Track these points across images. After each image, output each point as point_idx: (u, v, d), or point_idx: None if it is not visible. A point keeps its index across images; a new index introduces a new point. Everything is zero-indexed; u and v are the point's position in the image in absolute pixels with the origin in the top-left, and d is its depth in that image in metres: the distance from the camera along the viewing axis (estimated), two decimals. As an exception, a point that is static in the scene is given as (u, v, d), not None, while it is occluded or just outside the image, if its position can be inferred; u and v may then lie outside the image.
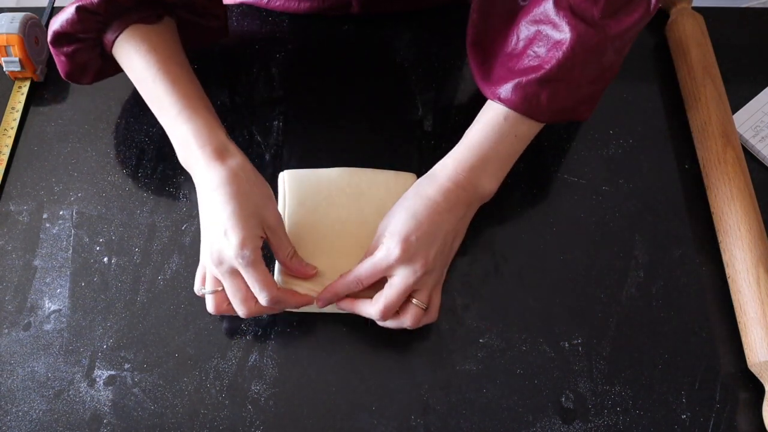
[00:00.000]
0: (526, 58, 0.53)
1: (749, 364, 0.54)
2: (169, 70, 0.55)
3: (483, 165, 0.54)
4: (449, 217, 0.53)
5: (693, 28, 0.69)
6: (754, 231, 0.57)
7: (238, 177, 0.52)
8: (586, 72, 0.53)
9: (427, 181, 0.55)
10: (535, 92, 0.52)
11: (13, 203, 0.61)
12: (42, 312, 0.56)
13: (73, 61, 0.57)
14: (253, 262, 0.49)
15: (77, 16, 0.53)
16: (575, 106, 0.55)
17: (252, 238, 0.50)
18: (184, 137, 0.54)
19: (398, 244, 0.51)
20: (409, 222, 0.52)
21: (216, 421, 0.52)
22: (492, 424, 0.52)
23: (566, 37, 0.51)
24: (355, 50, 0.71)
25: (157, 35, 0.57)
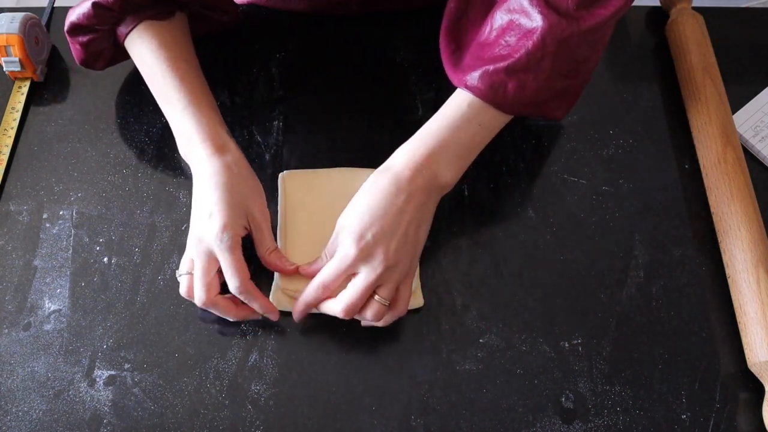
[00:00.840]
0: (497, 47, 0.53)
1: (749, 364, 0.54)
2: (178, 66, 0.58)
3: (442, 151, 0.53)
4: (408, 207, 0.52)
5: (693, 28, 0.69)
6: (754, 231, 0.57)
7: (231, 170, 0.54)
8: (558, 64, 0.52)
9: (382, 172, 0.54)
10: (502, 81, 0.52)
11: (13, 203, 0.61)
12: (42, 312, 0.56)
13: (87, 49, 0.60)
14: (230, 248, 0.51)
15: (93, 11, 0.56)
16: (546, 101, 0.54)
17: (234, 225, 0.52)
18: (188, 131, 0.56)
19: (354, 243, 0.50)
20: (364, 218, 0.51)
21: (216, 421, 0.52)
22: (492, 424, 0.52)
23: (537, 26, 0.50)
24: (355, 50, 0.71)
25: (169, 32, 0.59)
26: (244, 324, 0.55)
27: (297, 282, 0.55)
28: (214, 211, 0.52)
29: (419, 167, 0.53)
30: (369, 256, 0.50)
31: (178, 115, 0.57)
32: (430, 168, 0.53)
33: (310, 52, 0.71)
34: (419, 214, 0.53)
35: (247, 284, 0.52)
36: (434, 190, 0.54)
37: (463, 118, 0.53)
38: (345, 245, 0.51)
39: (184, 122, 0.57)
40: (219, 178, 0.53)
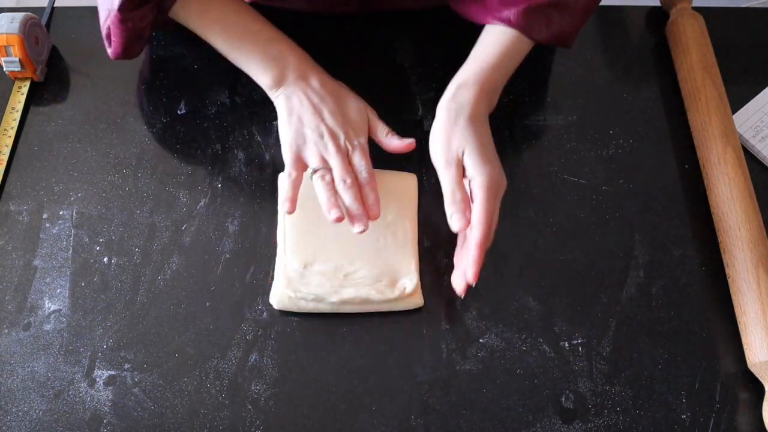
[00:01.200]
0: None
1: (749, 364, 0.54)
2: (245, 6, 0.61)
3: (497, 84, 0.59)
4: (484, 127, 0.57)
5: (693, 28, 0.69)
6: (754, 231, 0.57)
7: (336, 81, 0.61)
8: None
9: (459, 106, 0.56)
10: (543, 16, 0.58)
11: (13, 203, 0.61)
12: (42, 312, 0.56)
13: (135, 28, 0.59)
14: (367, 130, 0.60)
15: None
16: (571, 32, 0.61)
17: (364, 128, 0.59)
18: (281, 53, 0.60)
19: (500, 172, 0.54)
20: (482, 147, 0.54)
21: (216, 421, 0.52)
22: (492, 424, 0.52)
23: None
24: (355, 50, 0.71)
25: None
26: (244, 324, 0.55)
27: (301, 284, 0.55)
28: (350, 99, 0.60)
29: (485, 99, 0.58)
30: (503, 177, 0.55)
31: (264, 42, 0.59)
32: (491, 98, 0.59)
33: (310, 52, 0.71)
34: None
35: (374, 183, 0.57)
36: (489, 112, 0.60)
37: (512, 50, 0.59)
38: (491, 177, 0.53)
39: (274, 46, 0.59)
40: (336, 85, 0.60)
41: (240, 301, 0.56)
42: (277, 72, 0.59)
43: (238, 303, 0.56)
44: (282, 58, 0.59)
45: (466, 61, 0.60)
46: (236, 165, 0.63)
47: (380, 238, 0.58)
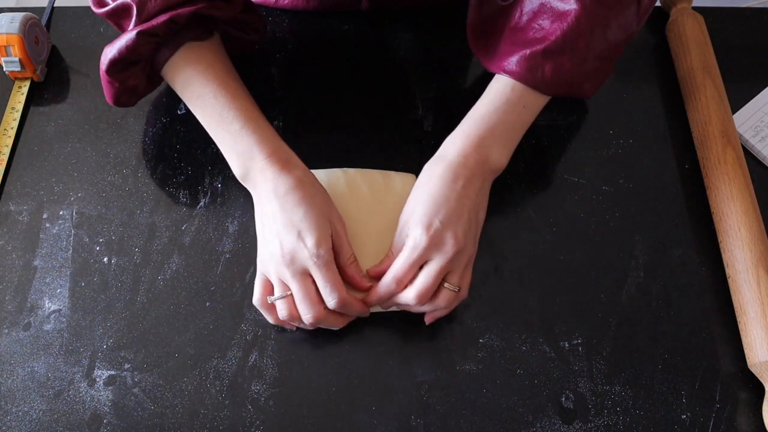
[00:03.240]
0: (531, 30, 0.54)
1: (749, 364, 0.54)
2: (227, 86, 0.56)
3: (492, 135, 0.55)
4: (467, 192, 0.53)
5: (693, 28, 0.69)
6: (754, 231, 0.57)
7: (304, 183, 0.53)
8: (591, 46, 0.53)
9: (436, 161, 0.55)
10: (539, 64, 0.53)
11: (13, 203, 0.61)
12: (42, 312, 0.56)
13: (125, 86, 0.57)
14: (327, 262, 0.50)
15: (137, 40, 0.53)
16: (581, 81, 0.56)
17: (326, 238, 0.51)
18: (247, 149, 0.54)
19: (424, 232, 0.51)
20: (429, 206, 0.52)
21: (216, 421, 0.52)
22: (492, 424, 0.52)
23: (571, 8, 0.52)
24: (355, 50, 0.71)
25: (212, 53, 0.57)
26: (244, 324, 0.55)
27: None
28: (302, 228, 0.50)
29: (472, 153, 0.54)
30: (440, 242, 0.51)
31: (234, 133, 0.54)
32: (482, 152, 0.54)
33: (310, 52, 0.71)
34: (477, 198, 0.54)
35: (345, 297, 0.51)
36: (488, 173, 0.55)
37: (508, 102, 0.55)
38: (415, 235, 0.51)
39: (243, 140, 0.54)
40: (297, 193, 0.52)
41: (240, 301, 0.56)
42: (241, 170, 0.55)
43: (238, 303, 0.56)
44: (249, 155, 0.54)
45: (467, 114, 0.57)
46: (236, 165, 0.63)
47: (381, 237, 0.57)
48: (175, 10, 0.53)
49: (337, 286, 0.51)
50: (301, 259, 0.50)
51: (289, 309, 0.52)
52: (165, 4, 0.53)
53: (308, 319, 0.51)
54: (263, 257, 0.53)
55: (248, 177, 0.55)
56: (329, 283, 0.51)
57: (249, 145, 0.54)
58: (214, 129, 0.56)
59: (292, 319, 0.52)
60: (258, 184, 0.54)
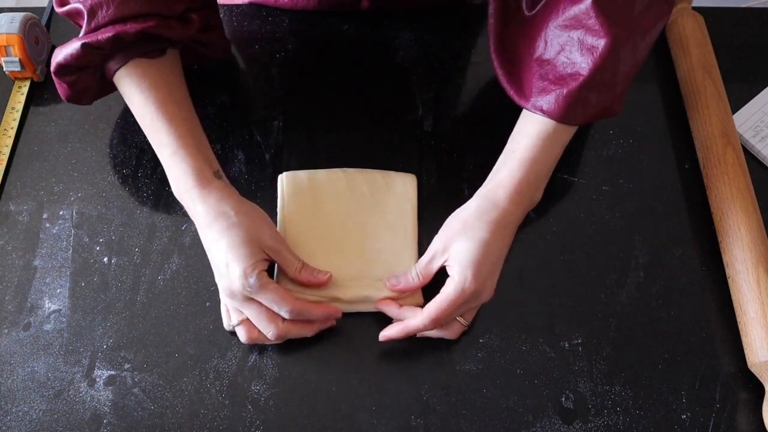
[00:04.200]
0: (560, 65, 0.53)
1: (749, 364, 0.54)
2: (166, 109, 0.55)
3: (536, 179, 0.56)
4: (508, 239, 0.55)
5: (693, 28, 0.69)
6: (754, 231, 0.57)
7: (225, 213, 0.52)
8: (622, 71, 0.53)
9: (488, 203, 0.54)
10: (576, 101, 0.53)
11: (13, 203, 0.61)
12: (42, 312, 0.56)
13: (74, 88, 0.57)
14: (261, 287, 0.50)
15: (81, 51, 0.53)
16: (612, 105, 0.56)
17: (253, 265, 0.51)
18: (177, 176, 0.55)
19: (474, 279, 0.51)
20: (479, 251, 0.52)
21: (216, 421, 0.52)
22: (492, 424, 0.52)
23: (602, 42, 0.51)
24: (355, 50, 0.71)
25: (158, 71, 0.56)
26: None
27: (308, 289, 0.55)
28: (229, 260, 0.51)
29: (521, 198, 0.55)
30: (482, 290, 0.52)
31: (166, 158, 0.55)
32: (528, 196, 0.56)
33: (310, 52, 0.71)
34: (510, 242, 0.56)
35: (297, 305, 0.51)
36: (526, 213, 0.57)
37: (551, 143, 0.55)
38: (464, 279, 0.51)
39: (173, 166, 0.55)
40: (217, 225, 0.52)
41: (240, 301, 0.56)
42: (175, 190, 0.55)
43: (238, 303, 0.56)
44: (177, 182, 0.55)
45: (505, 152, 0.57)
46: (236, 165, 0.63)
47: (380, 238, 0.58)
48: (123, 26, 0.52)
49: (284, 300, 0.51)
50: (237, 290, 0.51)
51: (249, 332, 0.53)
52: (114, 17, 0.52)
53: (272, 336, 0.52)
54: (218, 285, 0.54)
55: (181, 199, 0.55)
56: (275, 302, 0.51)
57: (178, 172, 0.54)
58: (154, 147, 0.56)
59: (256, 340, 0.53)
60: (189, 210, 0.55)
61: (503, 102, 0.62)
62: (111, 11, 0.52)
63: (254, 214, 0.54)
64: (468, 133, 0.65)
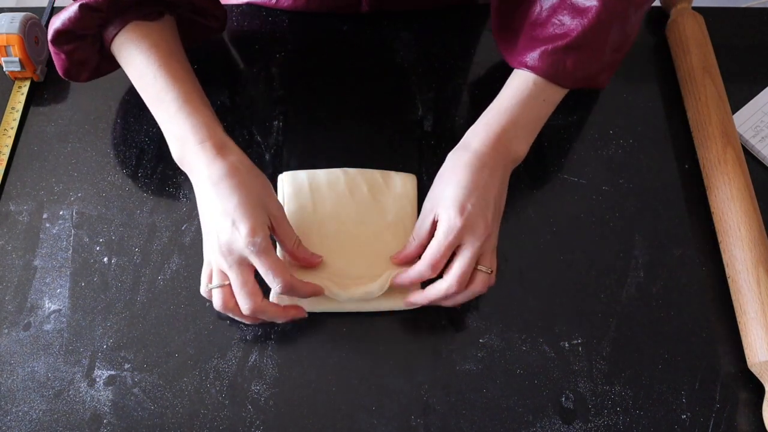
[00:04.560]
0: (551, 26, 0.55)
1: (749, 364, 0.54)
2: (169, 67, 0.55)
3: (514, 128, 0.55)
4: (492, 180, 0.54)
5: (693, 28, 0.69)
6: (754, 231, 0.57)
7: (239, 170, 0.52)
8: (610, 39, 0.55)
9: (462, 151, 0.55)
10: (561, 59, 0.54)
11: (13, 203, 0.61)
12: (42, 312, 0.56)
13: (71, 58, 0.57)
14: (264, 249, 0.49)
15: (80, 13, 0.53)
16: (598, 73, 0.57)
17: (261, 226, 0.50)
18: (183, 133, 0.54)
19: (458, 215, 0.51)
20: (460, 191, 0.52)
21: (216, 421, 0.52)
22: (492, 424, 0.52)
23: (592, 4, 0.52)
24: (355, 50, 0.71)
25: (158, 32, 0.57)
26: (244, 324, 0.55)
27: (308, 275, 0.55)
28: (236, 217, 0.49)
29: (495, 144, 0.55)
30: (473, 225, 0.52)
31: (171, 116, 0.54)
32: (504, 144, 0.55)
33: (310, 52, 0.71)
34: (501, 187, 0.55)
35: (290, 280, 0.51)
36: (509, 163, 0.56)
37: (529, 95, 0.56)
38: (448, 218, 0.52)
39: (179, 123, 0.54)
40: (230, 180, 0.51)
41: (240, 301, 0.56)
42: (177, 153, 0.54)
43: (238, 303, 0.56)
44: (183, 139, 0.53)
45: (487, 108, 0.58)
46: (236, 165, 0.63)
47: (381, 237, 0.58)
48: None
49: (279, 271, 0.50)
50: (238, 249, 0.49)
51: (225, 299, 0.51)
52: None
53: (246, 309, 0.50)
54: (205, 245, 0.53)
55: (184, 161, 0.54)
56: (270, 270, 0.50)
57: (184, 129, 0.53)
58: (154, 110, 0.56)
59: (228, 309, 0.52)
60: (193, 168, 0.53)
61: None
62: None
63: (263, 179, 0.54)
64: (468, 133, 0.65)
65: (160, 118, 0.56)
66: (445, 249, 0.52)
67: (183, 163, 0.55)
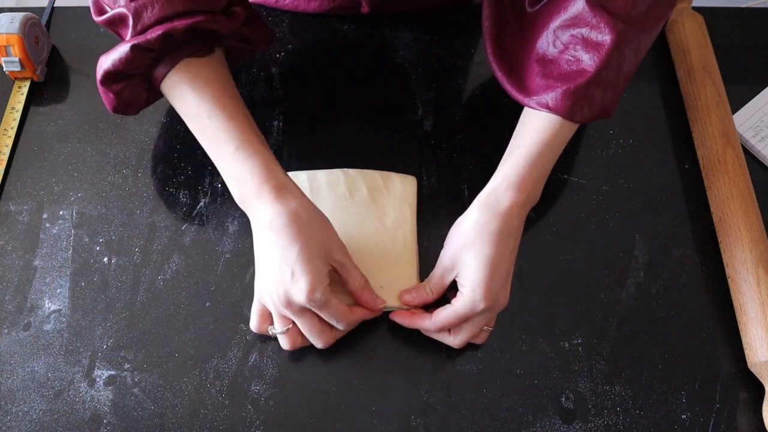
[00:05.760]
0: (565, 63, 0.53)
1: (749, 364, 0.54)
2: (224, 105, 0.53)
3: (541, 177, 0.54)
4: (515, 245, 0.53)
5: (693, 28, 0.69)
6: (754, 231, 0.57)
7: (300, 216, 0.50)
8: (626, 70, 0.53)
9: (490, 212, 0.52)
10: (583, 97, 0.52)
11: (13, 203, 0.61)
12: (42, 312, 0.56)
13: (120, 97, 0.56)
14: (325, 303, 0.49)
15: (132, 54, 0.51)
16: (612, 105, 0.55)
17: (321, 280, 0.49)
18: (242, 174, 0.52)
19: (483, 299, 0.50)
20: (487, 272, 0.51)
21: (216, 421, 0.52)
22: (492, 424, 0.52)
23: (606, 38, 0.51)
24: (355, 50, 0.71)
25: (209, 70, 0.55)
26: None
27: None
28: (296, 270, 0.49)
29: (524, 202, 0.53)
30: (495, 304, 0.51)
31: (229, 157, 0.52)
32: (532, 196, 0.54)
33: (310, 52, 0.71)
34: (518, 242, 0.54)
35: (353, 319, 0.53)
36: (528, 210, 0.55)
37: (556, 140, 0.54)
38: (473, 299, 0.50)
39: (238, 165, 0.52)
40: (291, 228, 0.49)
41: (240, 301, 0.56)
42: (238, 194, 0.53)
43: (238, 303, 0.56)
44: (243, 180, 0.52)
45: (508, 150, 0.55)
46: (236, 165, 0.63)
47: (380, 242, 0.57)
48: (172, 23, 0.51)
49: (343, 316, 0.51)
50: (298, 302, 0.49)
51: (292, 340, 0.53)
52: (161, 16, 0.51)
53: (322, 345, 0.53)
54: (261, 286, 0.52)
55: (245, 202, 0.53)
56: (335, 317, 0.51)
57: (242, 170, 0.52)
58: (211, 150, 0.54)
59: (297, 347, 0.53)
60: (253, 211, 0.52)
61: (503, 102, 0.62)
62: (156, 11, 0.51)
63: (325, 222, 0.52)
64: (468, 133, 0.65)
65: (216, 158, 0.54)
66: (459, 321, 0.52)
67: (243, 204, 0.53)
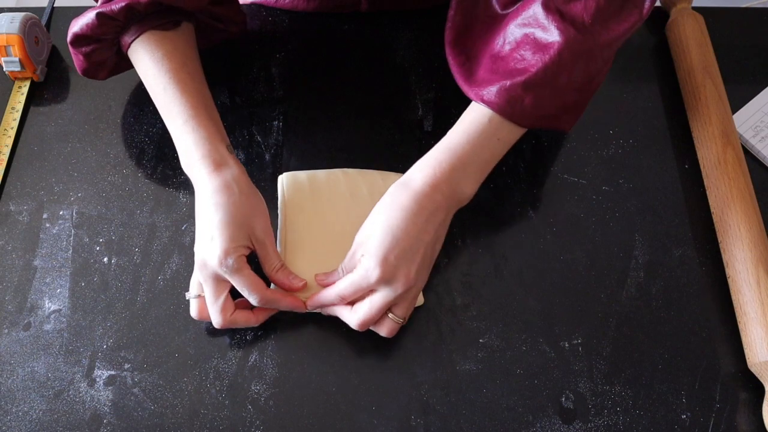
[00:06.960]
0: (512, 60, 0.53)
1: (749, 364, 0.54)
2: (180, 78, 0.56)
3: (463, 167, 0.53)
4: (428, 226, 0.51)
5: (693, 28, 0.69)
6: (754, 231, 0.57)
7: (230, 188, 0.52)
8: (572, 78, 0.52)
9: (402, 188, 0.52)
10: (520, 96, 0.51)
11: (13, 203, 0.61)
12: (42, 312, 0.56)
13: (90, 59, 0.59)
14: (237, 270, 0.50)
15: (97, 21, 0.55)
16: (559, 114, 0.54)
17: (236, 248, 0.50)
18: (187, 146, 0.55)
19: (377, 266, 0.49)
20: (387, 240, 0.50)
21: (216, 421, 0.52)
22: (492, 424, 0.52)
23: (554, 41, 0.50)
24: (355, 50, 0.71)
25: (173, 42, 0.57)
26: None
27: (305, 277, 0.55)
28: (215, 234, 0.50)
29: (440, 184, 0.52)
30: (391, 278, 0.50)
31: (178, 129, 0.55)
32: (451, 184, 0.52)
33: (310, 52, 0.71)
34: (437, 232, 0.52)
35: (267, 294, 0.52)
36: (453, 205, 0.54)
37: (483, 133, 0.53)
38: (367, 265, 0.50)
39: (184, 136, 0.55)
40: (218, 198, 0.51)
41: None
42: (183, 163, 0.55)
43: (238, 303, 0.56)
44: (187, 152, 0.54)
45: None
46: (236, 165, 0.63)
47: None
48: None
49: (254, 287, 0.51)
50: (212, 266, 0.50)
51: (199, 308, 0.53)
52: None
53: (215, 323, 0.52)
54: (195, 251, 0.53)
55: (188, 172, 0.55)
56: (245, 287, 0.51)
57: (187, 142, 0.54)
58: (165, 119, 0.57)
59: (202, 318, 0.53)
60: (193, 181, 0.54)
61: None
62: None
63: (255, 201, 0.54)
64: (468, 133, 0.65)
65: (169, 128, 0.57)
66: (355, 290, 0.51)
67: (188, 173, 0.56)
